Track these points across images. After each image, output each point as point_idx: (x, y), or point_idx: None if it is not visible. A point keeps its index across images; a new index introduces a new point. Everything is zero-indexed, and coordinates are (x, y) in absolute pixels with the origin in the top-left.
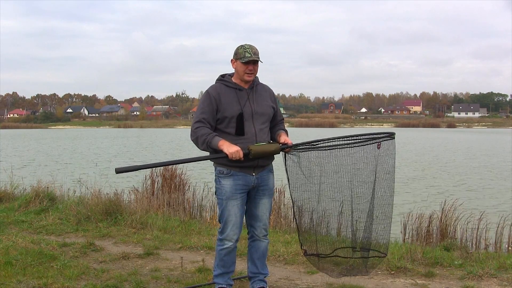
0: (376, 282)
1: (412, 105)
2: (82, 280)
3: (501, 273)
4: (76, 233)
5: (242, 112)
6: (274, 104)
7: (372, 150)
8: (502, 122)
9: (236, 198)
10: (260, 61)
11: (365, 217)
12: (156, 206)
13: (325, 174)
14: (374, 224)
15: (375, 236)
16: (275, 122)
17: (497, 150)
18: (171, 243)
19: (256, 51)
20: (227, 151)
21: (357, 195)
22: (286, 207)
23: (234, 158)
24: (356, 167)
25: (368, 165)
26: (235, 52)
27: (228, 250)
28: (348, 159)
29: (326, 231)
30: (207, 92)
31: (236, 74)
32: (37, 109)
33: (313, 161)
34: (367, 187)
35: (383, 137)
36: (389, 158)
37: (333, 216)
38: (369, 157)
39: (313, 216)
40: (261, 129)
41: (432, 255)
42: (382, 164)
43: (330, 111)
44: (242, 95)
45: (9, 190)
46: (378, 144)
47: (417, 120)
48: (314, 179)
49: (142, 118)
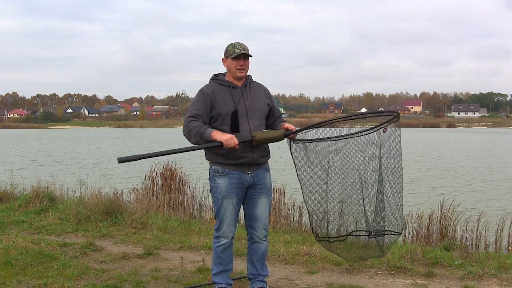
0: (376, 282)
1: (412, 105)
2: (82, 280)
3: (501, 273)
4: (76, 233)
5: (236, 109)
6: (269, 101)
7: (377, 135)
8: (502, 122)
9: (231, 197)
10: (250, 56)
11: (375, 202)
12: (156, 206)
13: (333, 162)
14: (386, 208)
15: (389, 218)
16: (274, 118)
17: (497, 150)
18: (171, 243)
19: (246, 47)
20: (221, 139)
21: (366, 182)
22: (286, 207)
23: (228, 145)
24: (364, 154)
25: (374, 152)
26: (225, 51)
27: (225, 247)
28: (355, 146)
29: (337, 216)
30: (201, 90)
31: (228, 73)
32: (37, 109)
33: (320, 149)
34: (375, 174)
35: (388, 120)
36: (396, 141)
37: (344, 202)
38: (375, 143)
39: (322, 201)
40: (256, 126)
41: (432, 255)
42: (387, 149)
43: (330, 111)
44: (236, 93)
45: (9, 190)
46: (384, 128)
47: (417, 120)
48: (322, 166)
49: (142, 118)
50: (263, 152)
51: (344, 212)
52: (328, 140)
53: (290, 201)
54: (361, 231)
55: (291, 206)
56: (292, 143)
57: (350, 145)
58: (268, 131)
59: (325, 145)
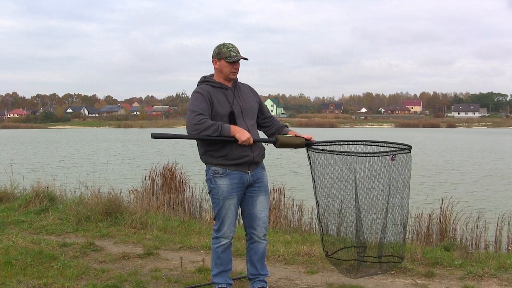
0: (376, 282)
1: (412, 105)
2: (82, 280)
3: (501, 273)
4: (76, 233)
5: (232, 110)
6: (258, 99)
7: (387, 161)
8: (502, 122)
9: (232, 197)
10: (246, 59)
11: (381, 227)
12: (156, 206)
13: (346, 179)
14: (387, 233)
15: (391, 245)
16: (264, 116)
17: (497, 150)
18: (171, 243)
19: (238, 50)
20: (238, 137)
21: (375, 203)
22: (286, 207)
23: (243, 143)
24: (375, 176)
25: (383, 176)
26: (217, 52)
27: (225, 247)
28: (368, 166)
29: (350, 235)
30: (197, 92)
31: (218, 74)
32: (37, 109)
33: (335, 163)
34: (384, 197)
35: (400, 149)
36: (405, 169)
37: (354, 220)
38: (384, 168)
39: (334, 217)
40: (252, 125)
41: (432, 255)
42: (396, 175)
43: (330, 111)
44: (229, 94)
45: (9, 190)
46: (392, 156)
47: (417, 120)
48: (337, 180)
49: (142, 118)
50: (261, 151)
51: (357, 231)
52: (344, 155)
53: (290, 201)
54: (370, 257)
55: (290, 206)
56: (311, 152)
57: (364, 167)
58: (292, 137)
59: (339, 161)
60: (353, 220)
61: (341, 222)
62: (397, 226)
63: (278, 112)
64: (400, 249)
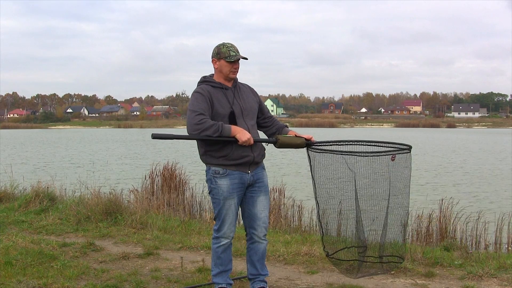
0: (376, 282)
1: (412, 105)
2: (82, 280)
3: (501, 273)
4: (76, 233)
5: (232, 110)
6: (258, 99)
7: (386, 161)
8: (502, 122)
9: (233, 197)
10: (246, 59)
11: (381, 227)
12: (156, 206)
13: (346, 179)
14: (388, 233)
15: (392, 245)
16: (264, 116)
17: (497, 150)
18: (171, 243)
19: (238, 49)
20: (239, 138)
21: (375, 203)
22: (286, 207)
23: (244, 144)
24: (375, 176)
25: (384, 176)
26: (217, 51)
27: (225, 247)
28: (368, 166)
29: (351, 235)
30: (197, 92)
31: (218, 74)
32: (37, 109)
33: (335, 163)
34: (384, 197)
35: (400, 149)
36: (405, 169)
37: (355, 220)
38: (384, 168)
39: (334, 217)
40: (252, 125)
41: (432, 255)
42: (397, 175)
43: (330, 111)
44: (229, 94)
45: (9, 190)
46: (392, 156)
47: (417, 120)
48: (337, 180)
49: (142, 118)
50: (262, 151)
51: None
52: (345, 154)
53: (290, 201)
54: (371, 257)
55: (290, 206)
56: (311, 151)
57: (363, 167)
58: (292, 137)
59: (338, 161)
60: (354, 220)
61: (341, 222)
62: (397, 226)
63: (278, 112)
64: (400, 249)
